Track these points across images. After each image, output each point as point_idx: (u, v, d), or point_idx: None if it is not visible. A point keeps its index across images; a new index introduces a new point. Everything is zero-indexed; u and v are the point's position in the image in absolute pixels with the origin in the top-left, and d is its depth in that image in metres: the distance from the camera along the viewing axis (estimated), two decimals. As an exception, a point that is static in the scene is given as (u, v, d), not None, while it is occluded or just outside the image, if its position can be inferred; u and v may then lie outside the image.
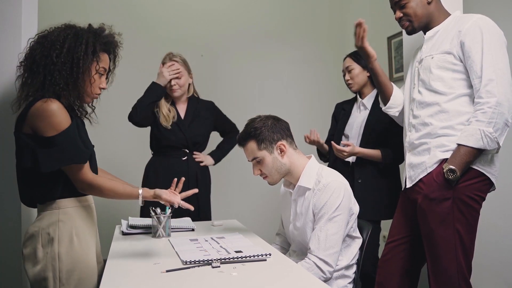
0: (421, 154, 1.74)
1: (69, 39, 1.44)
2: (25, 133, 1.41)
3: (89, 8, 3.58)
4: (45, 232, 1.44)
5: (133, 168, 2.78)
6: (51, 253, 1.42)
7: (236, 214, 2.85)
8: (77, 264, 1.44)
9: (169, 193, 1.53)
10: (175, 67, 2.49)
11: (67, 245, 1.44)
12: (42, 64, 1.43)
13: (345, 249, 1.75)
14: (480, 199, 1.66)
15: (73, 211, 1.49)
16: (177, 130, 2.50)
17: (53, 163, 1.39)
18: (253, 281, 1.31)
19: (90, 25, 1.52)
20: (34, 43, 1.48)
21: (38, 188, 1.46)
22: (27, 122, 1.40)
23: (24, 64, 1.48)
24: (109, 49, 1.55)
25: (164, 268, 1.38)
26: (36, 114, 1.38)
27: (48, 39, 1.45)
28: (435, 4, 1.78)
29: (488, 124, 1.57)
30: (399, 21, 1.83)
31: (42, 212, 1.47)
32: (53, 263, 1.42)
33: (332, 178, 1.73)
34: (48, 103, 1.39)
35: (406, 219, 1.85)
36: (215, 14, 3.84)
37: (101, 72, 1.52)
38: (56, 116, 1.39)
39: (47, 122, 1.38)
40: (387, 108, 2.01)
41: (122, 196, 1.50)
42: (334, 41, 4.05)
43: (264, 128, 1.77)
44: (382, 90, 2.00)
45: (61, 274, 1.41)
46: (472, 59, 1.63)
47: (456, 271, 1.64)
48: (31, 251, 1.44)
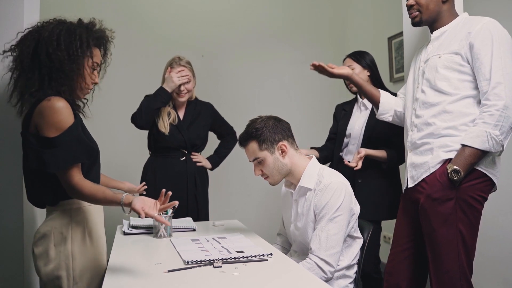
0: (423, 154, 1.74)
1: (63, 34, 1.43)
2: (30, 133, 1.41)
3: (90, 9, 3.58)
4: (58, 232, 1.45)
5: (131, 168, 2.78)
6: (64, 251, 1.43)
7: (237, 214, 2.85)
8: (90, 263, 1.47)
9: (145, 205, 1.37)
10: (185, 73, 2.48)
11: (80, 244, 1.46)
12: (38, 60, 1.41)
13: (346, 249, 1.76)
14: (483, 199, 1.66)
15: (85, 211, 1.50)
16: (176, 132, 2.50)
17: (59, 163, 1.37)
18: (255, 281, 1.31)
19: (81, 20, 1.52)
20: (25, 37, 1.45)
21: (44, 190, 1.46)
22: (33, 121, 1.40)
23: (17, 57, 1.45)
24: (100, 44, 1.55)
25: (166, 268, 1.39)
26: (41, 112, 1.37)
27: (42, 34, 1.43)
28: (448, 5, 1.78)
29: (495, 126, 1.57)
30: (409, 8, 1.81)
31: (54, 211, 1.48)
32: (66, 262, 1.43)
33: (333, 179, 1.74)
34: (53, 102, 1.38)
35: (408, 221, 1.84)
36: (215, 15, 3.84)
37: (94, 67, 1.51)
38: (60, 113, 1.37)
39: (51, 121, 1.37)
40: (378, 115, 2.06)
41: (102, 203, 1.43)
42: (334, 42, 4.05)
43: (265, 129, 1.77)
44: (370, 98, 2.06)
45: (75, 273, 1.43)
46: (480, 61, 1.63)
47: (458, 271, 1.64)
48: (44, 250, 1.45)
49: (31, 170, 1.46)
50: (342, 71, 1.98)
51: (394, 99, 2.02)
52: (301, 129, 2.47)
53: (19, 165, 1.53)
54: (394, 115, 2.01)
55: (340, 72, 1.97)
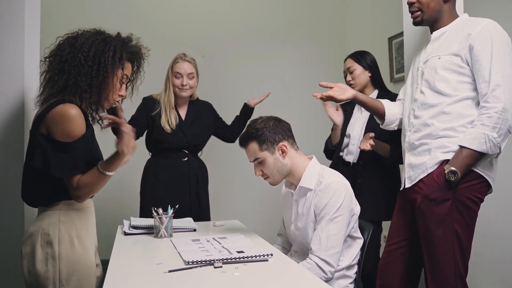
0: (421, 155, 1.75)
1: (97, 43, 1.47)
2: (40, 133, 1.42)
3: (91, 9, 3.59)
4: (45, 232, 1.44)
5: (131, 168, 2.77)
6: (51, 253, 1.42)
7: (237, 215, 2.85)
8: (77, 265, 1.45)
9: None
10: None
11: (68, 246, 1.44)
12: (69, 64, 1.44)
13: (346, 250, 1.76)
14: (479, 200, 1.67)
15: (74, 214, 1.49)
16: (178, 132, 2.50)
17: (64, 169, 1.40)
18: (255, 281, 1.32)
19: (119, 34, 1.56)
20: (63, 42, 1.49)
21: (41, 190, 1.47)
22: (45, 123, 1.41)
23: (51, 61, 1.49)
24: (134, 59, 1.59)
25: (167, 268, 1.39)
26: (54, 117, 1.39)
27: (78, 40, 1.47)
28: (449, 5, 1.78)
29: (493, 129, 1.58)
30: (410, 6, 1.81)
31: (43, 212, 1.48)
32: (53, 263, 1.42)
33: (334, 179, 1.74)
34: (68, 108, 1.40)
35: (404, 220, 1.85)
36: (216, 15, 3.84)
37: (123, 80, 1.55)
38: (73, 122, 1.40)
39: (63, 128, 1.39)
40: (384, 126, 2.04)
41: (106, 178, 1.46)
42: (334, 42, 4.05)
43: (265, 129, 1.78)
44: (375, 113, 2.03)
45: (61, 275, 1.42)
46: (480, 63, 1.63)
47: (453, 272, 1.65)
48: (30, 250, 1.44)
49: (31, 169, 1.46)
50: (347, 95, 1.92)
51: (397, 108, 2.00)
52: (301, 129, 2.47)
53: (20, 165, 1.53)
54: (399, 124, 2.01)
55: (346, 97, 1.92)
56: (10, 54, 1.90)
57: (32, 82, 1.99)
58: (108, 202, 1.63)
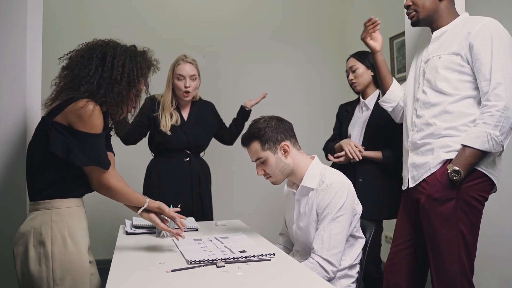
0: (424, 154, 1.75)
1: (127, 55, 1.55)
2: (58, 122, 1.45)
3: (92, 9, 3.59)
4: (37, 232, 1.44)
5: (134, 169, 2.78)
6: (44, 253, 1.42)
7: (239, 214, 2.86)
8: (71, 265, 1.44)
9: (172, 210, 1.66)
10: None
11: (61, 246, 1.44)
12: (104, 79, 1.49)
13: (348, 249, 1.76)
14: (483, 199, 1.67)
15: (66, 212, 1.48)
16: (180, 133, 2.50)
17: (84, 159, 1.45)
18: (258, 281, 1.32)
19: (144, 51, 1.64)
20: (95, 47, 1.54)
21: (36, 181, 1.49)
22: (65, 115, 1.44)
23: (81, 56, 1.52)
24: (148, 74, 1.65)
25: (169, 268, 1.39)
26: (79, 114, 1.43)
27: (115, 49, 1.54)
28: (446, 3, 1.78)
29: (495, 127, 1.58)
30: (407, 8, 1.84)
31: (35, 211, 1.48)
32: (46, 263, 1.42)
33: (336, 179, 1.74)
34: (91, 105, 1.44)
35: (409, 220, 1.85)
36: (217, 15, 3.85)
37: (138, 94, 1.61)
38: (97, 118, 1.46)
39: (88, 122, 1.44)
40: (381, 101, 2.05)
41: (131, 202, 1.61)
42: (336, 42, 4.06)
43: (268, 129, 1.78)
44: (381, 82, 2.06)
45: (55, 275, 1.42)
46: (480, 62, 1.63)
47: (459, 271, 1.64)
48: (23, 250, 1.44)
49: (38, 159, 1.48)
50: (372, 42, 2.00)
51: (402, 93, 2.01)
52: (303, 129, 2.47)
53: (22, 165, 1.53)
54: (395, 108, 2.01)
55: (370, 43, 2.00)
56: (13, 54, 1.91)
57: (34, 82, 1.99)
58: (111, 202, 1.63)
